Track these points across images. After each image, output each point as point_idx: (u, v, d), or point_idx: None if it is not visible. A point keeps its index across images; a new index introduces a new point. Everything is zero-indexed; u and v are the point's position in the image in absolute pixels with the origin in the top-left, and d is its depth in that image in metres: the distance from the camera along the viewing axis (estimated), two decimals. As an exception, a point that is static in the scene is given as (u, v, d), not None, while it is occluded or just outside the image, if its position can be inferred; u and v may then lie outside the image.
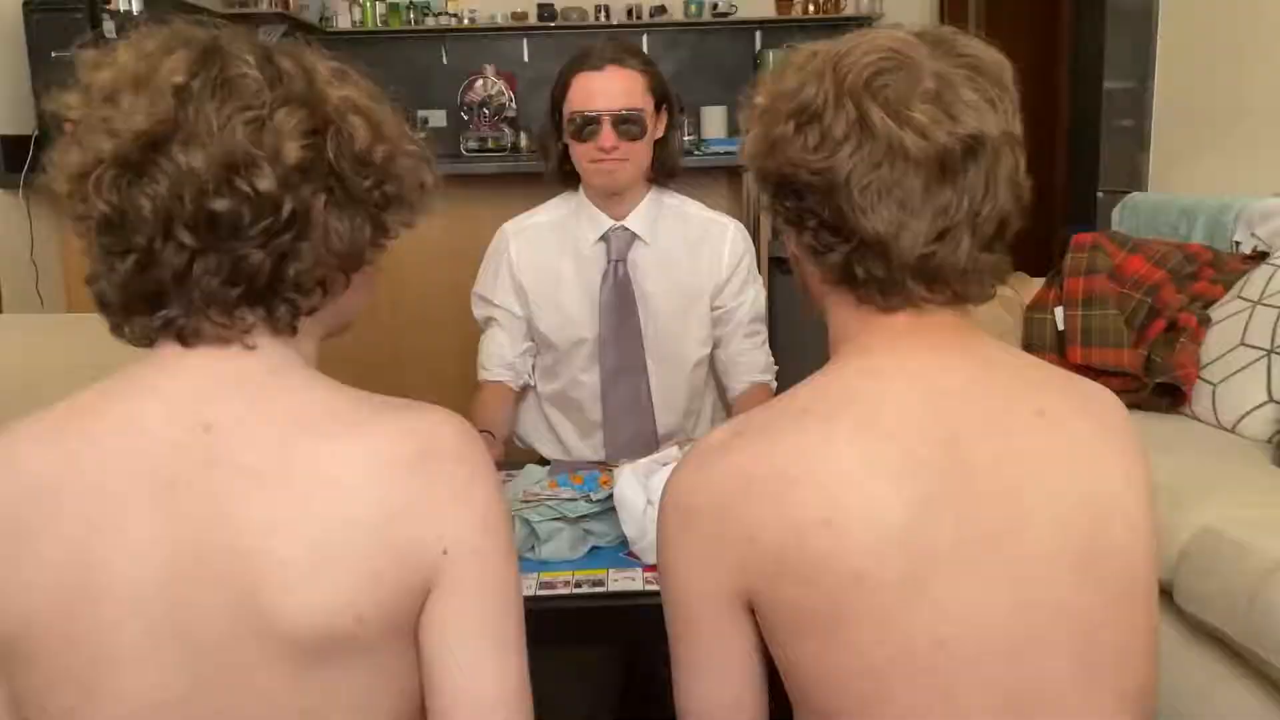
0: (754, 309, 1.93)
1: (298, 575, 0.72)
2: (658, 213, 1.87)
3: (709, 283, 1.88)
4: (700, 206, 1.93)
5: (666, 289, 1.87)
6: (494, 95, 5.10)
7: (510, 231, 1.91)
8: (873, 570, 0.78)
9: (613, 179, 1.77)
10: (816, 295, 0.94)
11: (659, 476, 1.37)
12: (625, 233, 1.85)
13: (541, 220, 1.91)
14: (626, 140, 1.74)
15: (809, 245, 0.87)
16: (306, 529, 0.73)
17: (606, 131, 1.72)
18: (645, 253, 1.85)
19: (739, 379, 1.94)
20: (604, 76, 1.73)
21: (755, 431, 0.85)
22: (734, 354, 1.93)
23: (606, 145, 1.73)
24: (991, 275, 0.87)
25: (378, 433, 0.77)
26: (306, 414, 0.76)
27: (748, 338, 1.93)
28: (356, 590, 0.73)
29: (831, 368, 0.89)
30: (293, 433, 0.75)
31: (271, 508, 0.73)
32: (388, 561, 0.74)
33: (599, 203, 1.84)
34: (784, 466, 0.81)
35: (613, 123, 1.72)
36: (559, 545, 1.36)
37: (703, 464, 0.85)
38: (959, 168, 0.81)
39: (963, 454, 0.81)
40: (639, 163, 1.78)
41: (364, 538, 0.74)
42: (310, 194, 0.77)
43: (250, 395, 0.77)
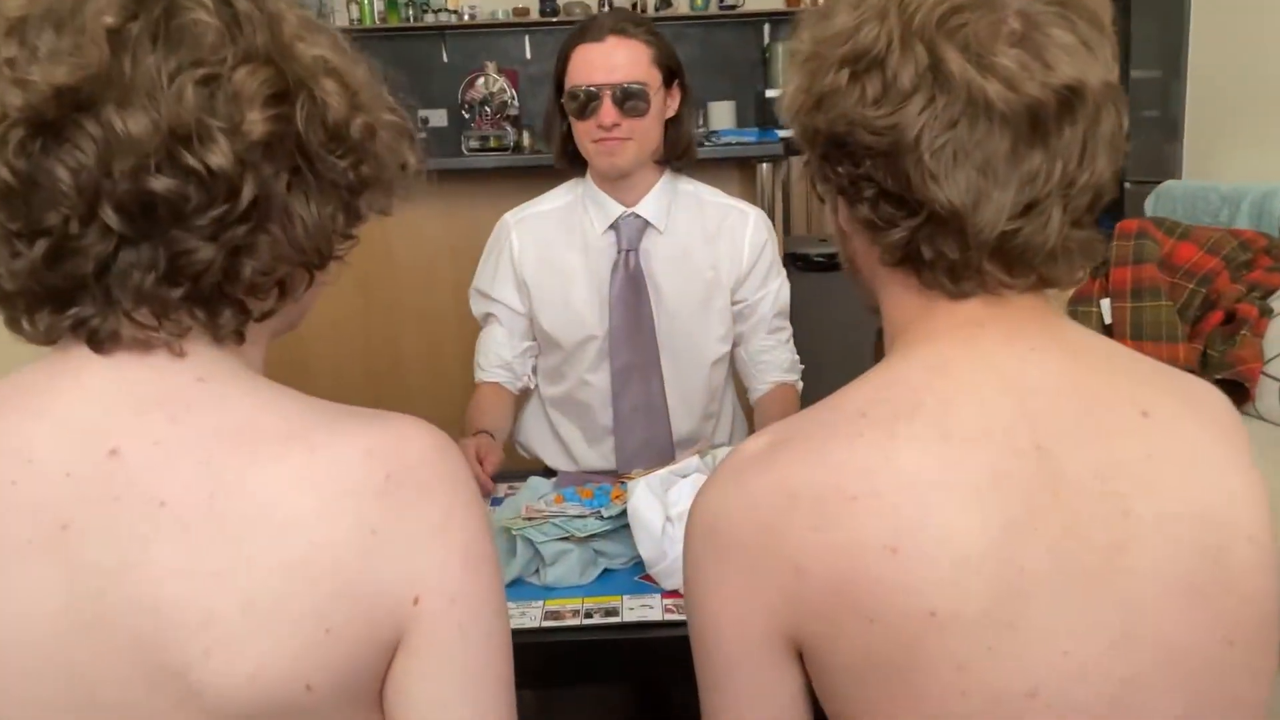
0: (777, 303, 1.80)
1: (228, 635, 0.58)
2: (671, 199, 1.74)
3: (728, 274, 1.75)
4: (717, 193, 1.80)
5: (682, 281, 1.74)
6: (495, 93, 4.98)
7: (511, 221, 1.78)
8: (949, 606, 0.65)
9: (615, 160, 1.62)
10: (868, 277, 0.80)
11: (678, 490, 1.23)
12: (637, 220, 1.71)
13: (545, 209, 1.77)
14: (630, 117, 1.59)
15: (865, 219, 0.73)
16: (239, 577, 0.58)
17: (607, 107, 1.58)
18: (658, 242, 1.72)
19: (762, 379, 1.80)
20: (604, 48, 1.59)
21: (801, 440, 0.70)
22: (756, 352, 1.80)
23: (607, 122, 1.58)
24: (1082, 256, 0.73)
25: (331, 452, 0.62)
26: (243, 432, 0.62)
27: (771, 334, 1.80)
28: (303, 652, 0.59)
29: (890, 363, 0.75)
30: (224, 456, 0.60)
31: (194, 552, 0.58)
32: (343, 615, 0.60)
33: (607, 188, 1.71)
34: (838, 482, 0.67)
35: (614, 97, 1.58)
36: (566, 569, 1.21)
37: (738, 480, 0.71)
38: (1052, 126, 0.68)
39: (1055, 464, 0.68)
40: (645, 142, 1.64)
41: (312, 586, 0.59)
42: (273, 175, 0.62)
43: (172, 411, 0.62)
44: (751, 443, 0.74)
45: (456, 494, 0.66)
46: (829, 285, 3.51)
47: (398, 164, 0.70)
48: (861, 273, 0.81)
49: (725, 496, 0.72)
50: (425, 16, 5.43)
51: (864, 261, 0.79)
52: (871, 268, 0.78)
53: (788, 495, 0.68)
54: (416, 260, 3.16)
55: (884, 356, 0.79)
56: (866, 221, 0.73)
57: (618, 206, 1.70)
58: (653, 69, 1.62)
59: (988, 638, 0.65)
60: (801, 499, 0.68)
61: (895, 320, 0.78)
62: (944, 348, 0.73)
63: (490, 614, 0.66)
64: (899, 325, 0.77)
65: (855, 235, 0.77)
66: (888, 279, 0.76)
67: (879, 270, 0.77)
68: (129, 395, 0.62)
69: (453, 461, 0.67)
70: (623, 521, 1.25)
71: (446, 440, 0.67)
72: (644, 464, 1.72)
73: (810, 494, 0.68)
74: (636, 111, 1.60)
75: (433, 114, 5.50)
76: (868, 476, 0.67)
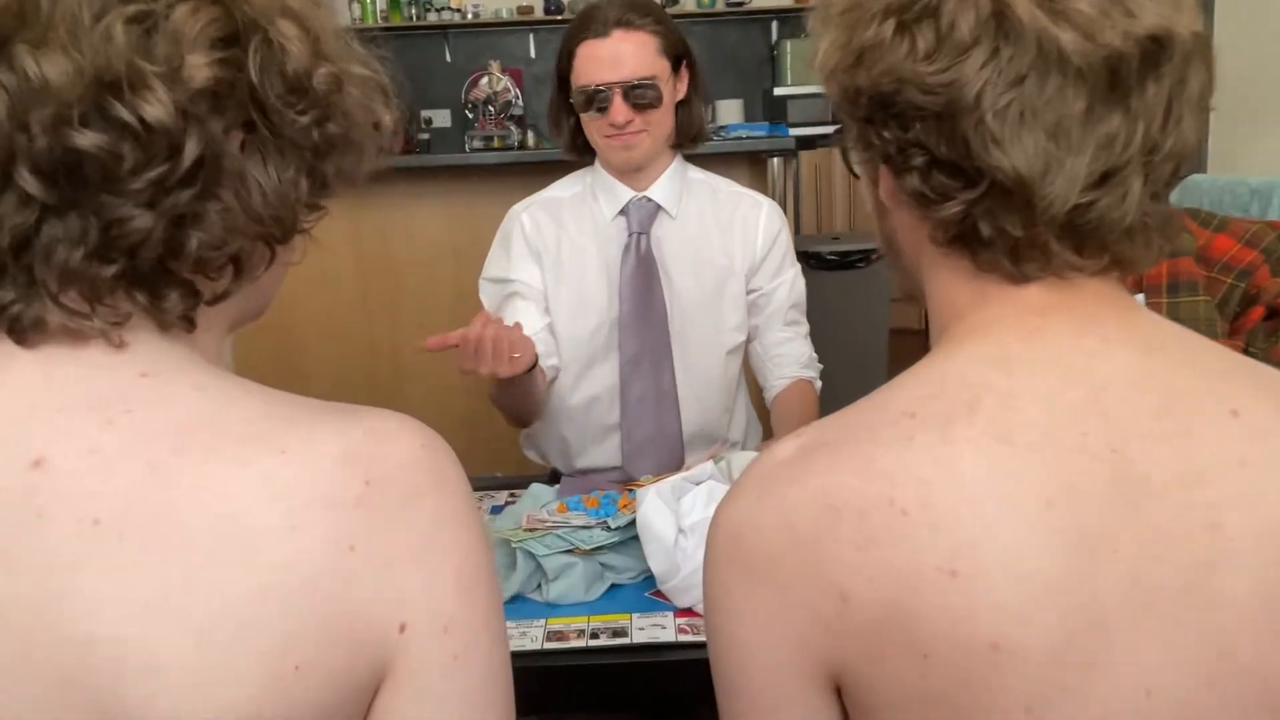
0: (793, 293, 1.72)
1: (177, 675, 0.48)
2: (683, 185, 1.68)
3: (742, 262, 1.68)
4: (730, 182, 1.74)
5: (694, 267, 1.67)
6: (499, 92, 4.91)
7: (519, 208, 1.72)
8: (1016, 639, 0.56)
9: (631, 155, 1.59)
10: (912, 259, 0.71)
11: (691, 498, 1.13)
12: (648, 204, 1.65)
13: (554, 195, 1.72)
14: (642, 111, 1.55)
15: (914, 192, 0.64)
16: (190, 606, 0.49)
17: (618, 105, 1.54)
18: (670, 227, 1.66)
19: (778, 374, 1.71)
20: (610, 43, 1.54)
21: (840, 444, 0.61)
22: (772, 345, 1.72)
23: (619, 120, 1.54)
24: (1160, 234, 0.64)
25: (302, 455, 0.53)
26: (196, 435, 0.52)
27: (787, 326, 1.73)
28: (267, 693, 0.50)
29: (939, 358, 0.66)
30: (171, 464, 0.51)
31: (135, 578, 0.49)
32: (316, 647, 0.51)
33: (617, 174, 1.66)
34: (886, 493, 0.58)
35: (624, 94, 1.53)
36: (571, 584, 1.12)
37: (768, 489, 0.62)
38: (1134, 82, 0.59)
39: (1135, 471, 0.59)
40: (659, 133, 1.60)
41: (279, 614, 0.50)
42: (223, 131, 0.53)
43: (109, 413, 0.52)
44: (781, 447, 0.64)
45: (449, 502, 0.57)
46: (840, 285, 3.43)
47: (370, 122, 0.61)
48: (904, 254, 0.72)
49: (754, 509, 0.63)
50: (428, 15, 5.35)
51: (908, 241, 0.70)
52: (917, 248, 0.69)
53: (827, 508, 0.59)
54: (417, 260, 3.09)
55: (929, 350, 0.70)
56: (915, 194, 0.64)
57: (628, 191, 1.65)
58: (660, 59, 1.56)
59: (1060, 676, 0.56)
60: (844, 512, 0.59)
61: (945, 308, 0.68)
62: (1003, 339, 0.64)
63: (489, 640, 0.57)
64: (949, 314, 0.68)
65: (899, 210, 0.68)
66: (937, 261, 0.67)
67: (926, 251, 0.67)
68: (58, 395, 0.53)
69: (444, 463, 0.58)
70: (631, 533, 1.15)
71: (437, 439, 0.58)
72: (651, 460, 1.64)
73: (854, 507, 0.58)
74: (649, 105, 1.55)
75: (436, 114, 5.43)
76: (920, 487, 0.58)
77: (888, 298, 3.45)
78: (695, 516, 1.11)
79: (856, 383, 0.78)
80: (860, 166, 0.72)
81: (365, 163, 0.62)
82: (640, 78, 1.53)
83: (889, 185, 0.67)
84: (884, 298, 3.43)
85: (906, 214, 0.67)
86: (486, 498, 1.49)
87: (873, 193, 0.72)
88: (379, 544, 0.53)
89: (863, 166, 0.71)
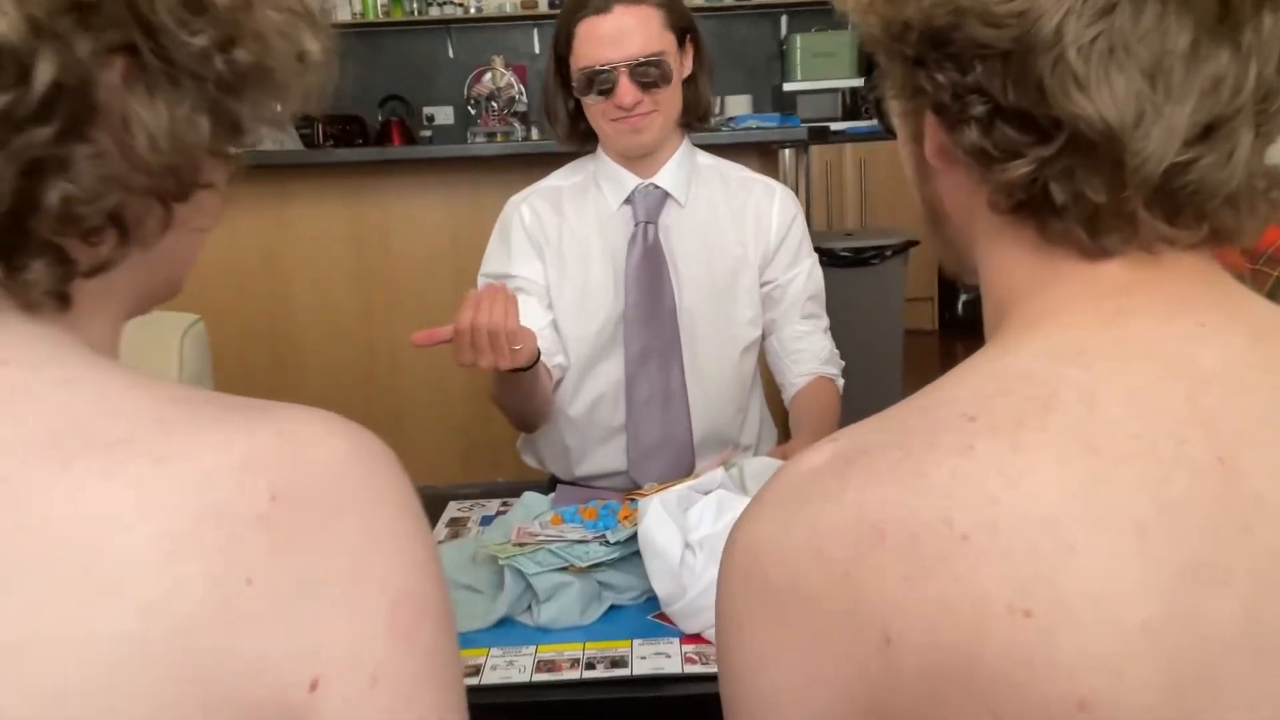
0: (811, 284, 1.61)
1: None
2: (692, 170, 1.57)
3: (756, 251, 1.57)
4: (740, 168, 1.63)
5: (705, 257, 1.56)
6: (503, 88, 4.80)
7: (518, 199, 1.61)
8: (1108, 694, 0.45)
9: (641, 139, 1.47)
10: (963, 231, 0.60)
11: (699, 510, 1.02)
12: (655, 191, 1.54)
13: (554, 184, 1.61)
14: (651, 90, 1.44)
15: (974, 148, 0.53)
16: (39, 655, 0.38)
17: (625, 86, 1.42)
18: (679, 216, 1.55)
19: (797, 371, 1.60)
20: (612, 19, 1.42)
21: (884, 452, 0.50)
22: (790, 340, 1.60)
23: (627, 102, 1.43)
24: (1267, 200, 0.54)
25: (189, 462, 0.41)
26: (57, 439, 0.41)
27: (806, 319, 1.61)
28: None
29: (1000, 349, 0.55)
30: (21, 473, 0.40)
31: None
32: (200, 707, 0.39)
33: (622, 161, 1.54)
34: (943, 513, 0.47)
35: (631, 74, 1.42)
36: (564, 606, 1.01)
37: (797, 505, 0.51)
38: (1248, 12, 0.49)
39: (1247, 486, 0.48)
40: (669, 113, 1.48)
41: (151, 664, 0.39)
42: (93, 55, 0.42)
43: None
44: (812, 454, 0.53)
45: (384, 520, 0.45)
46: (853, 282, 3.30)
47: (293, 54, 0.49)
48: (951, 224, 0.60)
49: (779, 529, 0.51)
50: (430, 10, 5.25)
51: (959, 208, 0.58)
52: (970, 216, 0.58)
53: (869, 530, 0.48)
54: (416, 253, 2.98)
55: (986, 340, 0.59)
56: (975, 151, 0.52)
57: (633, 178, 1.54)
58: (666, 33, 1.45)
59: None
60: (889, 536, 0.48)
61: (1003, 289, 0.57)
62: (1079, 325, 0.52)
63: (434, 692, 0.46)
64: (1008, 296, 0.57)
65: (950, 171, 0.57)
66: (995, 232, 0.56)
67: (982, 219, 0.56)
68: None
69: (379, 472, 0.46)
70: (633, 548, 1.04)
71: (371, 441, 0.47)
72: (659, 465, 1.53)
73: (902, 529, 0.47)
74: (657, 84, 1.44)
75: (438, 110, 5.34)
76: (985, 506, 0.47)
77: (903, 296, 3.33)
78: (704, 530, 0.99)
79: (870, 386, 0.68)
80: (900, 120, 0.61)
81: (289, 102, 0.50)
82: (647, 55, 1.42)
83: (938, 141, 0.56)
84: (899, 296, 3.31)
85: (960, 175, 0.56)
86: (478, 507, 1.38)
87: (914, 151, 0.61)
88: (286, 575, 0.41)
89: (903, 119, 0.60)
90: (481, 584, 1.06)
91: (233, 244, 2.97)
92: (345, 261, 2.97)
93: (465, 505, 1.38)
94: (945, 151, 0.56)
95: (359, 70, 5.31)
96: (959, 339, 5.02)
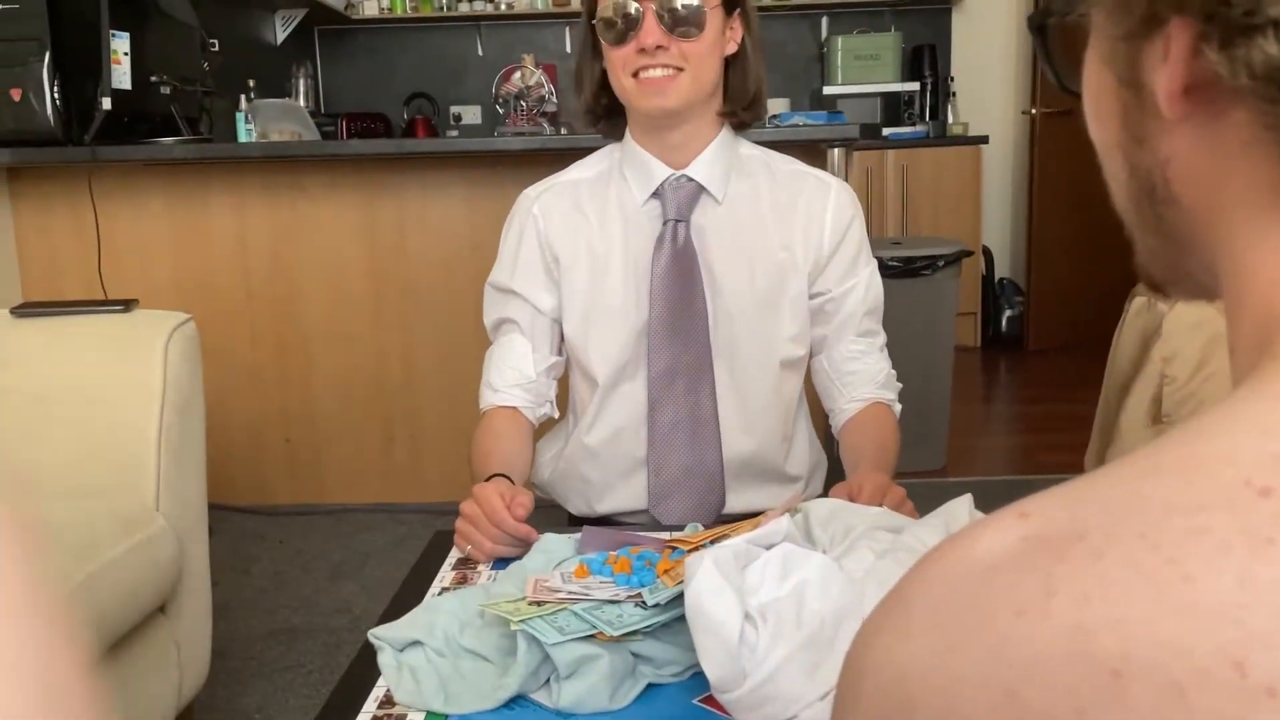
0: (869, 297, 1.39)
1: None
2: (731, 161, 1.35)
3: (805, 256, 1.35)
4: (789, 159, 1.41)
5: (745, 262, 1.34)
6: (533, 86, 4.63)
7: (533, 194, 1.40)
8: None
9: (663, 100, 1.26)
10: (1207, 215, 0.40)
11: (761, 568, 0.82)
12: (688, 184, 1.33)
13: (574, 177, 1.40)
14: (680, 38, 1.24)
15: (1262, 68, 0.33)
16: None
17: (649, 23, 1.24)
18: (715, 214, 1.34)
19: (850, 396, 1.38)
20: None
21: (1112, 538, 0.31)
22: (843, 360, 1.39)
23: (649, 42, 1.23)
24: None
25: None
26: None
27: (862, 337, 1.39)
28: None
29: None
30: None
31: None
32: None
33: (651, 146, 1.33)
34: (1227, 651, 0.28)
35: (658, 12, 1.24)
36: (591, 685, 0.80)
37: (969, 615, 0.32)
38: None
39: None
40: (700, 75, 1.27)
41: None
42: None
43: None
44: (986, 535, 0.34)
45: None
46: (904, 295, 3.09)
47: None
48: (1179, 206, 0.41)
49: (944, 652, 0.32)
50: (460, 6, 5.09)
51: (1201, 179, 0.39)
52: (1217, 191, 0.38)
53: (1101, 673, 0.29)
54: (433, 255, 2.81)
55: (1238, 373, 0.39)
56: (1265, 72, 0.33)
57: (663, 168, 1.33)
58: None
59: None
60: (1135, 686, 0.29)
61: (1274, 297, 0.37)
62: None
63: None
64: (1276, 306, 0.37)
65: (1197, 122, 0.37)
66: (1268, 210, 0.36)
67: (1243, 194, 0.37)
68: None
69: None
70: (677, 611, 0.84)
71: None
72: (684, 502, 1.32)
73: (1158, 677, 0.28)
74: (688, 33, 1.25)
75: (465, 110, 5.18)
76: None
77: (954, 310, 3.12)
78: (766, 595, 0.79)
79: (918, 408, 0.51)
80: (1104, 54, 0.41)
81: None
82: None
83: (1195, 70, 0.36)
84: (950, 310, 3.09)
85: (1217, 126, 0.36)
86: (490, 544, 1.18)
87: (1125, 101, 0.41)
88: None
89: (1110, 53, 0.40)
90: (489, 651, 0.86)
91: (242, 242, 2.80)
92: (358, 263, 2.80)
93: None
94: (1204, 86, 0.36)
95: (384, 67, 5.17)
96: (1003, 356, 4.80)
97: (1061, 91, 0.49)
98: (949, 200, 4.69)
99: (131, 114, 2.63)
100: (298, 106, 3.87)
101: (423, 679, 0.85)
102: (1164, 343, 1.57)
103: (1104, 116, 0.44)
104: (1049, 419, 3.72)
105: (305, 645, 2.17)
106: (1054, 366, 4.46)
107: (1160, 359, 1.57)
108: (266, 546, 2.67)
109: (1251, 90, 0.34)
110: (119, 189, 2.75)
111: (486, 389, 1.38)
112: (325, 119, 4.44)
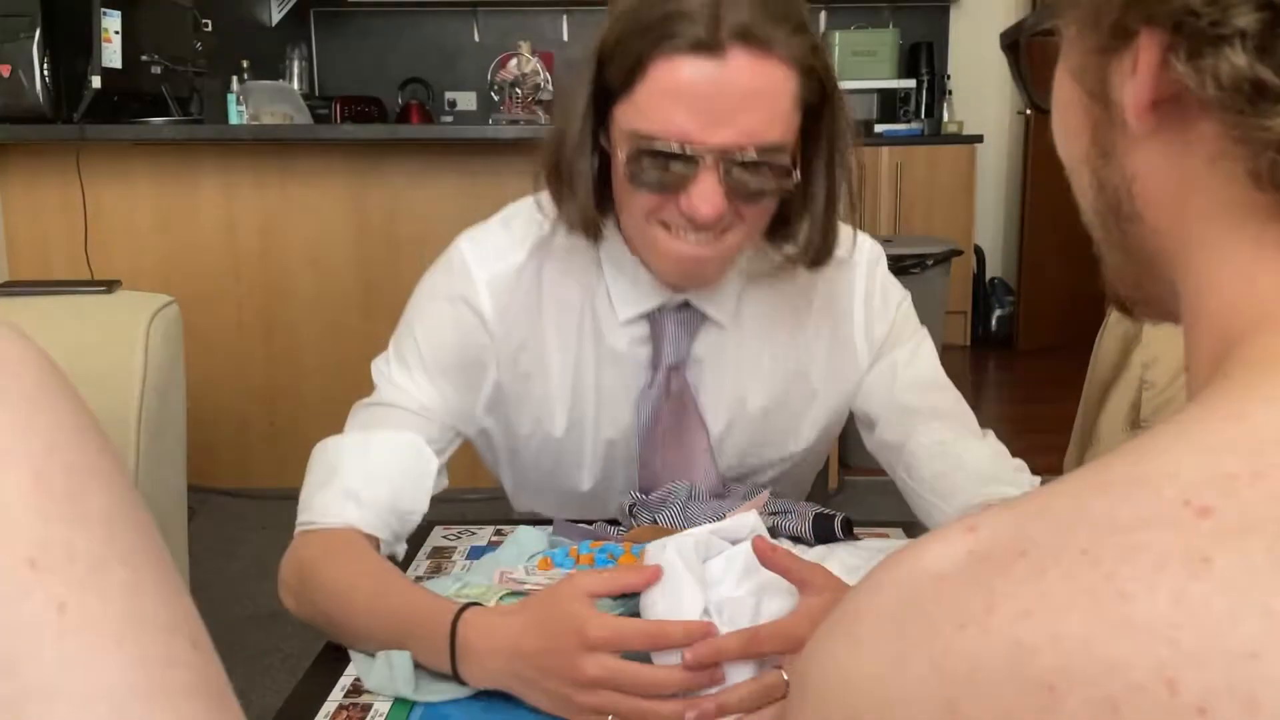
0: (920, 377, 1.10)
1: None
2: (749, 275, 1.05)
3: (834, 381, 1.10)
4: None
5: (758, 386, 1.09)
6: (529, 74, 4.62)
7: (476, 267, 1.03)
8: None
9: (702, 271, 0.97)
10: (1172, 230, 0.41)
11: (724, 563, 0.82)
12: (689, 314, 1.03)
13: (520, 262, 1.03)
14: (746, 201, 0.91)
15: (1240, 79, 0.34)
16: None
17: (707, 185, 0.88)
18: (719, 341, 1.06)
19: (956, 506, 0.99)
20: (723, 71, 0.85)
21: (1054, 554, 0.32)
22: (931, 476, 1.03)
23: (704, 213, 0.88)
24: None
25: None
26: None
27: (933, 420, 1.06)
28: None
29: (1235, 402, 0.35)
30: None
31: None
32: None
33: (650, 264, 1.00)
34: (1159, 668, 0.29)
35: (723, 169, 0.88)
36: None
37: (914, 626, 0.33)
38: None
39: None
40: (753, 233, 0.96)
41: None
42: None
43: None
44: (935, 548, 0.34)
45: None
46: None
47: None
48: (1143, 223, 0.41)
49: (891, 665, 0.32)
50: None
51: (1165, 195, 0.39)
52: (1181, 206, 0.38)
53: (1035, 688, 0.30)
54: (423, 242, 2.80)
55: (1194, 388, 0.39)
56: (1240, 85, 0.33)
57: (660, 291, 1.01)
58: (795, 112, 0.89)
59: None
60: (1069, 702, 0.29)
61: (1239, 312, 0.38)
62: None
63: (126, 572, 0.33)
64: (1245, 320, 0.37)
65: (1164, 136, 0.37)
66: (1231, 225, 0.37)
67: (1207, 208, 0.37)
68: None
69: None
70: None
71: None
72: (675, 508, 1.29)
73: (1091, 692, 0.29)
74: (757, 195, 0.90)
75: (460, 96, 5.17)
76: (1235, 662, 0.27)
77: (944, 309, 3.13)
78: (726, 591, 0.79)
79: None
80: (1074, 67, 0.41)
81: None
82: (761, 144, 0.87)
83: (1163, 81, 0.36)
84: (939, 309, 3.10)
85: (1183, 140, 0.36)
86: (466, 535, 1.18)
87: (1092, 115, 0.41)
88: None
89: (1080, 65, 0.41)
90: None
91: (231, 224, 2.80)
92: (347, 248, 2.80)
93: (453, 533, 1.18)
94: (1172, 99, 0.36)
95: (380, 51, 5.15)
96: (992, 355, 4.82)
97: (1033, 109, 0.49)
98: (942, 198, 4.71)
99: (121, 93, 2.62)
100: (290, 89, 3.85)
101: (394, 666, 0.85)
102: (1144, 348, 1.58)
103: (1072, 132, 0.44)
104: (1037, 419, 3.73)
105: (285, 629, 2.17)
106: (1043, 367, 4.48)
107: (1140, 364, 1.58)
108: (248, 529, 2.68)
109: (1219, 102, 0.34)
110: (107, 168, 2.74)
111: (344, 497, 0.95)
112: (320, 102, 4.43)
